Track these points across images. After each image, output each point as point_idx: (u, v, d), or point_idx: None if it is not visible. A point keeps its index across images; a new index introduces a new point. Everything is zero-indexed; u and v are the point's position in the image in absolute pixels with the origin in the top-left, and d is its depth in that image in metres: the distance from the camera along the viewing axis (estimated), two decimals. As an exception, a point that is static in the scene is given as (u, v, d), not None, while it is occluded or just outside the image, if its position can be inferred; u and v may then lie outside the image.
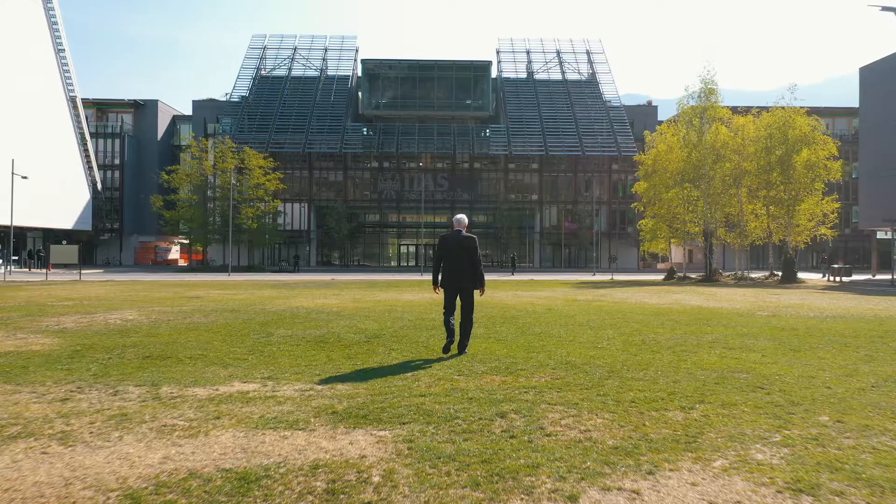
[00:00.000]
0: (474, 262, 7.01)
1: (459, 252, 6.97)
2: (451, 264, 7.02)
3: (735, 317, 11.76)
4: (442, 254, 7.11)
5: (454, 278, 6.99)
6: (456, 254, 6.98)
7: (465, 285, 7.02)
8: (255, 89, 60.71)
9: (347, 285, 23.79)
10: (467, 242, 7.01)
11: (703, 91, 32.38)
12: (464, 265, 6.98)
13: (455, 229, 7.17)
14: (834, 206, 30.61)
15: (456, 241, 7.03)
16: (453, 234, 7.12)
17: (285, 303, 14.27)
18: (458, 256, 6.96)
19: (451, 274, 7.01)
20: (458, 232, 7.11)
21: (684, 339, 8.13)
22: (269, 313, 11.40)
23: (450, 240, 7.09)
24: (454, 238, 7.07)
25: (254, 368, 6.04)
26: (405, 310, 12.41)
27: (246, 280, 29.29)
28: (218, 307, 12.85)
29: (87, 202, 48.86)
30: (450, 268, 7.02)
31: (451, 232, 7.19)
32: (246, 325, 9.45)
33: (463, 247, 6.98)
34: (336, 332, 8.68)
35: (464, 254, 6.97)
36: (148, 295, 17.22)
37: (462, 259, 6.97)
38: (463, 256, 6.97)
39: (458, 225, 7.20)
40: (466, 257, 6.97)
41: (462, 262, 6.97)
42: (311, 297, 16.27)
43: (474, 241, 7.08)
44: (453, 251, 7.00)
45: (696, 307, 14.11)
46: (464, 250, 6.97)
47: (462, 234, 7.09)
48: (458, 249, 6.97)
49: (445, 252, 7.07)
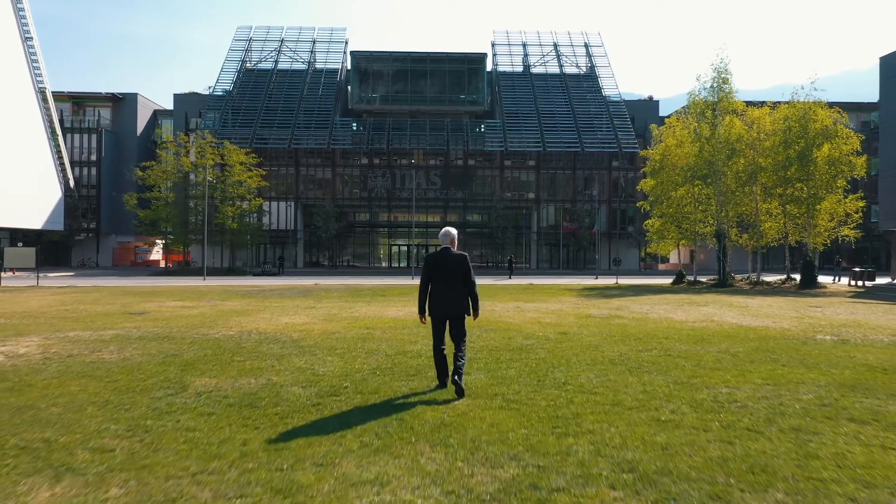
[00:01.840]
0: (468, 285, 5.90)
1: (450, 274, 5.86)
2: (440, 289, 5.89)
3: (798, 344, 9.36)
4: (429, 276, 5.93)
5: (444, 305, 5.86)
6: (445, 276, 5.87)
7: (456, 313, 5.88)
8: (239, 83, 58.09)
9: (328, 293, 21.29)
10: (458, 262, 5.90)
11: (716, 81, 30.01)
12: (455, 289, 5.86)
13: (443, 247, 6.00)
14: (858, 204, 28.32)
15: (445, 261, 5.90)
16: (441, 252, 5.96)
17: (242, 322, 11.77)
18: (449, 279, 5.86)
19: (441, 300, 5.87)
20: (446, 250, 5.96)
21: (776, 398, 5.71)
22: (208, 344, 8.89)
23: (438, 260, 5.93)
24: (443, 257, 5.92)
25: (104, 479, 3.58)
26: (384, 335, 9.94)
27: (219, 286, 26.73)
28: (152, 331, 10.34)
29: (59, 200, 46.09)
30: (439, 293, 5.89)
31: (438, 250, 6.01)
32: (161, 369, 6.95)
33: (453, 268, 5.87)
34: (279, 384, 6.19)
35: (455, 276, 5.86)
36: (89, 309, 14.68)
37: (453, 282, 5.86)
38: (454, 279, 5.86)
39: (447, 241, 6.01)
40: (458, 280, 5.86)
41: (453, 286, 5.86)
42: (278, 313, 13.76)
43: (466, 261, 5.95)
44: (442, 273, 5.88)
45: (737, 327, 11.72)
46: (455, 272, 5.86)
47: (451, 253, 5.94)
48: (447, 271, 5.86)
49: (433, 274, 5.91)
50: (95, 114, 57.67)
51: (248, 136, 51.87)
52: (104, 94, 58.44)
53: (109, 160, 56.33)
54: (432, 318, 5.94)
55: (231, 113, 54.58)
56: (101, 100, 58.64)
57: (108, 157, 56.37)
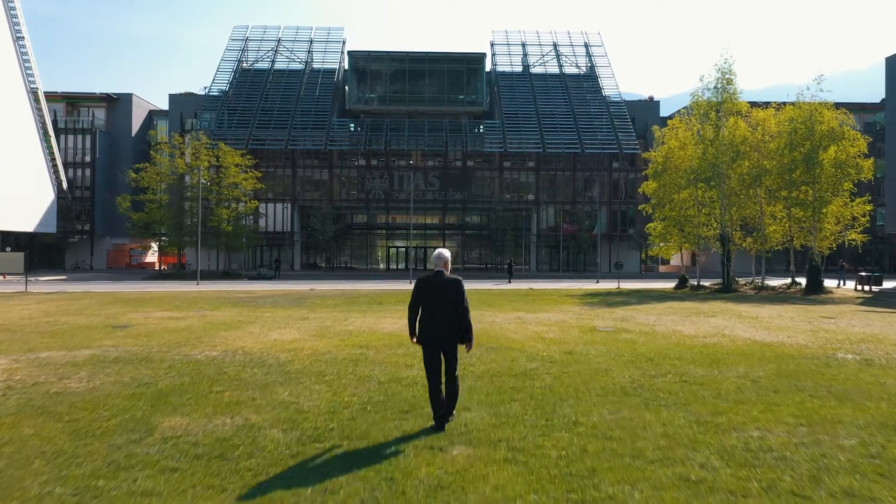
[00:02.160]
0: (460, 310, 5.50)
1: (441, 299, 5.50)
2: (431, 314, 5.52)
3: (820, 366, 8.75)
4: (419, 300, 5.57)
5: (436, 332, 5.48)
6: (437, 301, 5.51)
7: (448, 341, 5.50)
8: (235, 83, 57.40)
9: (323, 301, 20.65)
10: (451, 286, 5.52)
11: (719, 81, 29.39)
12: (447, 316, 5.49)
13: (436, 270, 5.63)
14: (865, 208, 27.72)
15: (437, 285, 5.54)
16: (433, 276, 5.61)
17: (228, 339, 11.14)
18: (440, 304, 5.50)
19: (432, 327, 5.49)
20: (438, 273, 5.60)
21: (815, 445, 5.10)
22: (187, 369, 8.26)
23: (429, 283, 5.57)
24: (435, 281, 5.56)
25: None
26: (378, 356, 9.31)
27: (212, 291, 26.08)
28: (131, 351, 9.70)
29: (52, 202, 45.40)
30: (429, 319, 5.51)
31: (430, 274, 5.66)
32: (130, 404, 6.31)
33: (446, 293, 5.49)
34: (257, 425, 5.55)
35: (447, 302, 5.48)
36: (71, 322, 14.03)
37: (445, 307, 5.49)
38: (446, 305, 5.48)
39: (440, 264, 5.66)
40: (450, 306, 5.48)
41: (445, 312, 5.49)
42: (268, 326, 13.13)
43: (460, 285, 5.56)
44: (434, 297, 5.52)
45: (750, 343, 11.11)
46: (447, 296, 5.49)
47: (444, 277, 5.57)
48: (440, 296, 5.50)
49: (424, 298, 5.55)
50: (90, 114, 56.96)
51: (245, 137, 51.20)
52: (98, 95, 57.74)
53: (104, 161, 55.63)
54: (423, 345, 5.54)
55: (227, 113, 53.90)
56: (96, 100, 57.94)
57: (103, 158, 55.66)
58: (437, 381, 5.47)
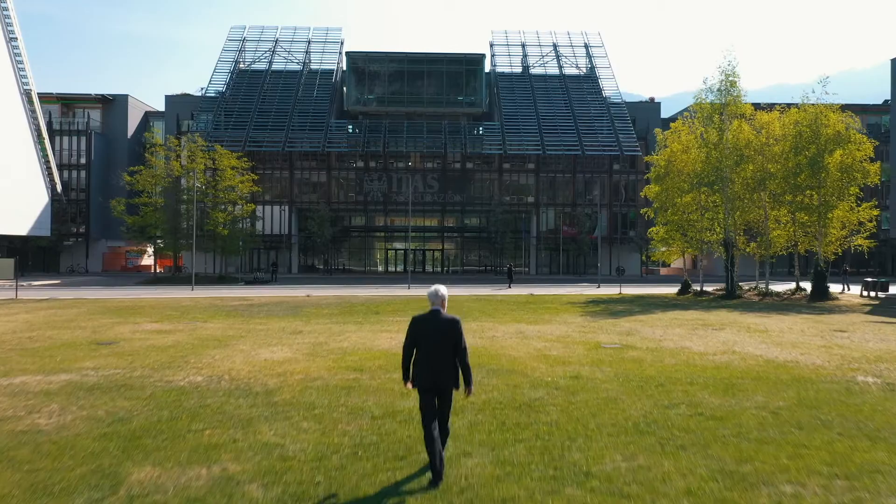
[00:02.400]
0: (458, 353, 5.09)
1: (438, 340, 5.06)
2: (426, 357, 5.08)
3: (841, 393, 8.25)
4: (414, 341, 5.15)
5: (432, 376, 5.03)
6: (434, 343, 5.07)
7: (445, 386, 5.08)
8: (232, 84, 56.85)
9: (318, 310, 20.13)
10: (449, 327, 5.10)
11: (723, 84, 28.87)
12: (444, 358, 5.05)
13: (432, 308, 5.21)
14: (872, 213, 27.24)
15: (434, 325, 5.11)
16: (430, 315, 5.17)
17: (216, 360, 10.61)
18: (437, 346, 5.06)
19: (428, 371, 5.04)
20: (435, 312, 5.18)
21: None
22: (168, 400, 7.75)
23: (426, 323, 5.14)
24: (431, 321, 5.13)
25: None
26: (372, 382, 8.80)
27: (207, 298, 25.55)
28: (112, 375, 9.18)
29: (46, 205, 44.79)
30: (425, 362, 5.07)
31: (426, 313, 5.20)
32: (99, 447, 5.78)
33: (443, 333, 5.07)
34: (235, 478, 5.02)
35: (444, 343, 5.06)
36: (55, 337, 13.50)
37: (441, 350, 5.05)
38: (443, 346, 5.05)
39: (437, 302, 5.23)
40: (448, 347, 5.05)
41: (441, 355, 5.05)
42: (259, 342, 12.61)
43: (458, 326, 5.13)
44: (430, 339, 5.08)
45: (763, 363, 10.62)
46: (444, 338, 5.06)
47: (442, 317, 5.15)
48: (436, 337, 5.07)
49: (419, 340, 5.12)
50: (85, 115, 56.36)
51: (242, 139, 50.66)
52: (94, 96, 57.14)
53: (99, 163, 55.05)
54: (419, 389, 5.10)
55: (224, 115, 53.34)
56: (91, 101, 57.34)
57: (98, 160, 55.08)
58: (432, 421, 5.01)
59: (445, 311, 5.23)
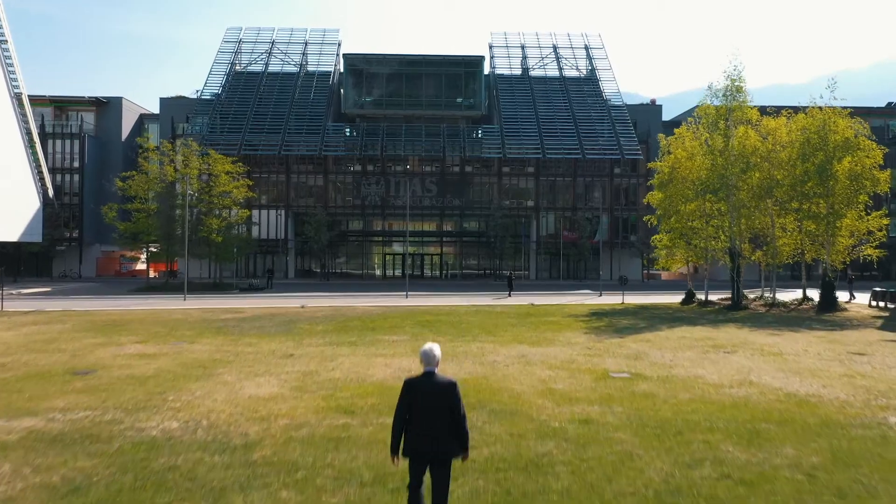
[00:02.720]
0: (455, 419, 4.65)
1: (434, 407, 4.63)
2: (419, 424, 4.65)
3: (876, 442, 7.57)
4: (407, 407, 4.69)
5: (424, 445, 4.63)
6: (428, 409, 4.64)
7: (440, 456, 4.64)
8: (228, 86, 56.11)
9: (312, 326, 19.38)
10: (444, 391, 4.65)
11: (728, 89, 28.17)
12: (439, 426, 4.62)
13: (425, 370, 4.73)
14: (882, 222, 26.54)
15: (429, 389, 4.67)
16: (424, 378, 4.71)
17: (196, 397, 9.88)
18: (431, 412, 4.64)
19: (422, 438, 4.64)
20: (429, 375, 4.70)
21: None
22: (134, 459, 7.02)
23: (419, 388, 4.69)
24: (426, 385, 4.68)
25: None
26: (363, 432, 8.08)
27: (198, 310, 24.79)
28: (78, 419, 8.46)
29: (37, 210, 43.87)
30: (418, 429, 4.65)
31: (420, 376, 4.75)
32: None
33: (438, 399, 4.64)
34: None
35: (439, 409, 4.63)
36: (30, 363, 12.77)
37: (436, 416, 4.63)
38: (438, 412, 4.63)
39: (431, 363, 4.72)
40: (443, 414, 4.63)
41: (436, 422, 4.63)
42: (245, 372, 11.88)
43: (455, 390, 4.67)
44: (425, 404, 4.65)
45: (785, 397, 9.92)
46: (440, 403, 4.63)
47: (437, 380, 4.69)
48: (431, 402, 4.64)
49: (412, 405, 4.68)
50: (78, 118, 55.56)
51: (237, 142, 49.92)
52: (87, 98, 56.35)
53: (93, 166, 54.28)
54: (410, 459, 4.70)
55: (219, 118, 52.61)
56: (85, 104, 56.54)
57: (92, 164, 54.31)
58: (419, 488, 4.66)
59: (438, 371, 4.78)
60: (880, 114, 56.16)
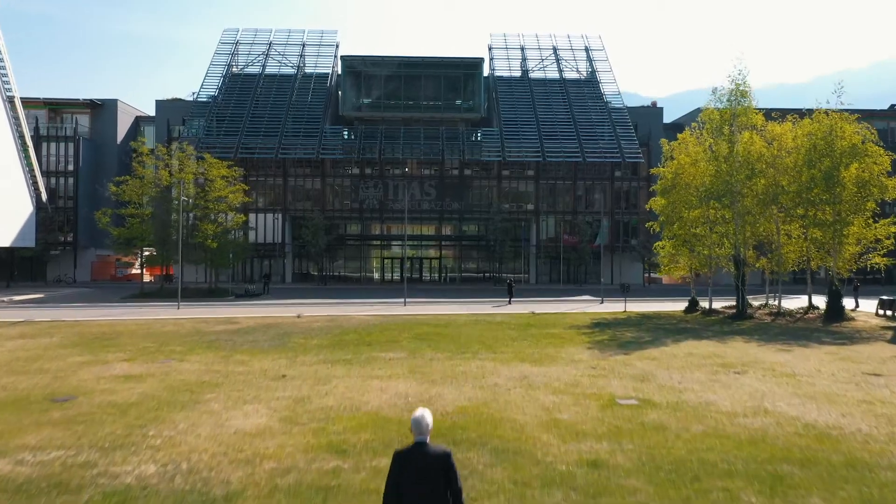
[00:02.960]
0: (452, 493, 4.09)
1: (427, 481, 4.08)
2: (413, 500, 4.05)
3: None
4: (398, 482, 4.10)
5: None
6: (421, 485, 4.07)
7: None
8: (224, 88, 55.50)
9: (307, 340, 18.80)
10: (438, 464, 4.12)
11: (733, 93, 27.60)
12: (436, 499, 4.06)
13: (416, 440, 4.21)
14: (890, 229, 25.96)
15: (421, 463, 4.12)
16: (415, 450, 4.18)
17: (180, 430, 9.30)
18: (425, 487, 4.07)
19: None
20: (420, 446, 4.18)
21: None
22: (107, 508, 6.41)
23: (411, 461, 4.14)
24: (418, 458, 4.14)
25: None
26: (356, 478, 7.52)
27: (191, 320, 24.20)
28: (47, 465, 7.88)
29: (30, 215, 43.31)
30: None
31: (410, 447, 4.23)
32: None
33: (432, 472, 4.09)
34: None
35: (434, 483, 4.07)
36: (9, 387, 12.19)
37: (430, 491, 4.06)
38: (433, 487, 4.06)
39: (420, 432, 4.21)
40: (440, 487, 4.07)
41: (431, 497, 4.06)
42: (234, 399, 11.29)
43: (450, 461, 4.15)
44: (416, 480, 4.08)
45: (804, 429, 9.37)
46: (434, 477, 4.08)
47: (429, 451, 4.17)
48: (424, 477, 4.08)
49: (404, 482, 4.09)
50: (73, 121, 54.97)
51: (234, 145, 49.36)
52: (82, 101, 55.69)
53: (87, 170, 53.63)
54: None
55: (216, 120, 51.99)
56: (79, 106, 55.88)
57: (86, 167, 53.65)
58: None
59: (429, 441, 4.29)
60: (882, 116, 55.59)
